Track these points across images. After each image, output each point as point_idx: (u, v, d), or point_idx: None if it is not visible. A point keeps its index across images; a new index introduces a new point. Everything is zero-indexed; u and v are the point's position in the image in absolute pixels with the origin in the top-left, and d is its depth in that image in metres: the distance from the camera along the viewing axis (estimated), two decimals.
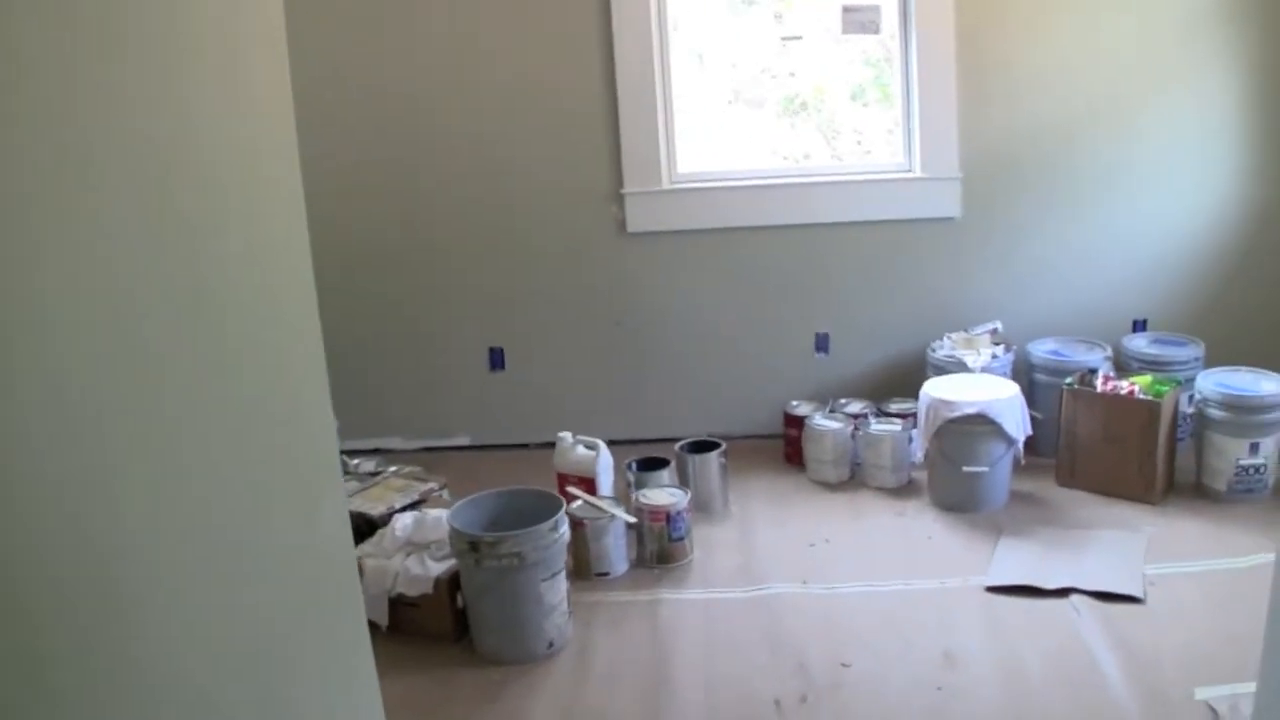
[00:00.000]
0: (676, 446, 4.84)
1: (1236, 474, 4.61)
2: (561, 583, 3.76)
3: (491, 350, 5.48)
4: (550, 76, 5.19)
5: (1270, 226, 5.34)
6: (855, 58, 5.49)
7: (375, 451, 5.40)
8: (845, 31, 5.19)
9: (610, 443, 4.75)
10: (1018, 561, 4.21)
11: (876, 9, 5.14)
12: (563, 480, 4.57)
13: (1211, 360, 5.05)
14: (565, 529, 3.76)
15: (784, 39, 5.28)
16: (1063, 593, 3.97)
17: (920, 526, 4.61)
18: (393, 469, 4.68)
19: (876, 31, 5.18)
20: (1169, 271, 5.38)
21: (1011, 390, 4.69)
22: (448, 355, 5.50)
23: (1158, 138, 5.24)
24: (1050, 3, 5.13)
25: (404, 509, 4.25)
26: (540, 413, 5.50)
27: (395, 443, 5.53)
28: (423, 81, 5.19)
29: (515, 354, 5.49)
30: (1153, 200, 5.30)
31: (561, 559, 3.76)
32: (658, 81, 5.16)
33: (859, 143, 5.62)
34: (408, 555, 3.89)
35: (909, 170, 5.32)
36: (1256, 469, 4.60)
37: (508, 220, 5.34)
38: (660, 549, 4.32)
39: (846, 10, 5.13)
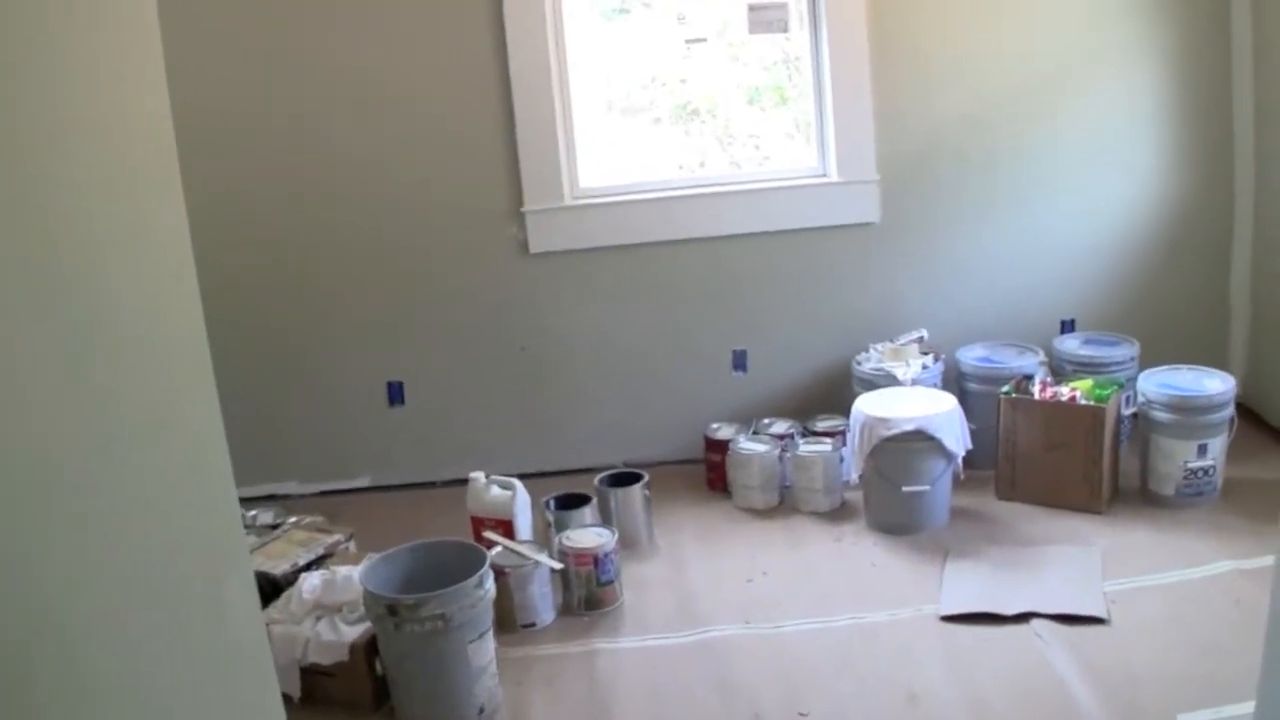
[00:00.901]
0: (596, 480, 4.56)
1: (1185, 477, 4.46)
2: (489, 642, 3.45)
3: (390, 384, 5.15)
4: (442, 92, 4.90)
5: (1195, 219, 5.24)
6: (751, 60, 5.25)
7: (271, 498, 5.04)
8: (752, 31, 4.97)
9: (521, 476, 4.49)
10: (970, 586, 4.01)
11: (784, 7, 4.93)
12: (478, 524, 4.27)
13: (1146, 360, 4.88)
14: (491, 584, 3.45)
15: (688, 41, 5.01)
16: (1023, 618, 3.77)
17: (861, 552, 4.37)
18: (293, 520, 4.32)
19: (784, 30, 4.97)
20: (1095, 269, 5.25)
21: (950, 403, 4.50)
22: (344, 391, 5.16)
23: (1078, 133, 5.11)
24: None
25: (309, 566, 3.90)
26: (445, 449, 5.19)
27: (291, 487, 5.16)
28: (310, 103, 4.87)
29: (415, 387, 5.16)
30: (1076, 196, 5.16)
31: (489, 616, 3.46)
32: (555, 93, 4.89)
33: (756, 148, 5.38)
34: (318, 619, 3.55)
35: (824, 175, 5.11)
36: (1205, 471, 4.45)
37: (402, 246, 5.03)
38: (589, 594, 4.03)
39: (753, 9, 4.91)
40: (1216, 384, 4.51)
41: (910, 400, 4.54)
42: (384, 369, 5.15)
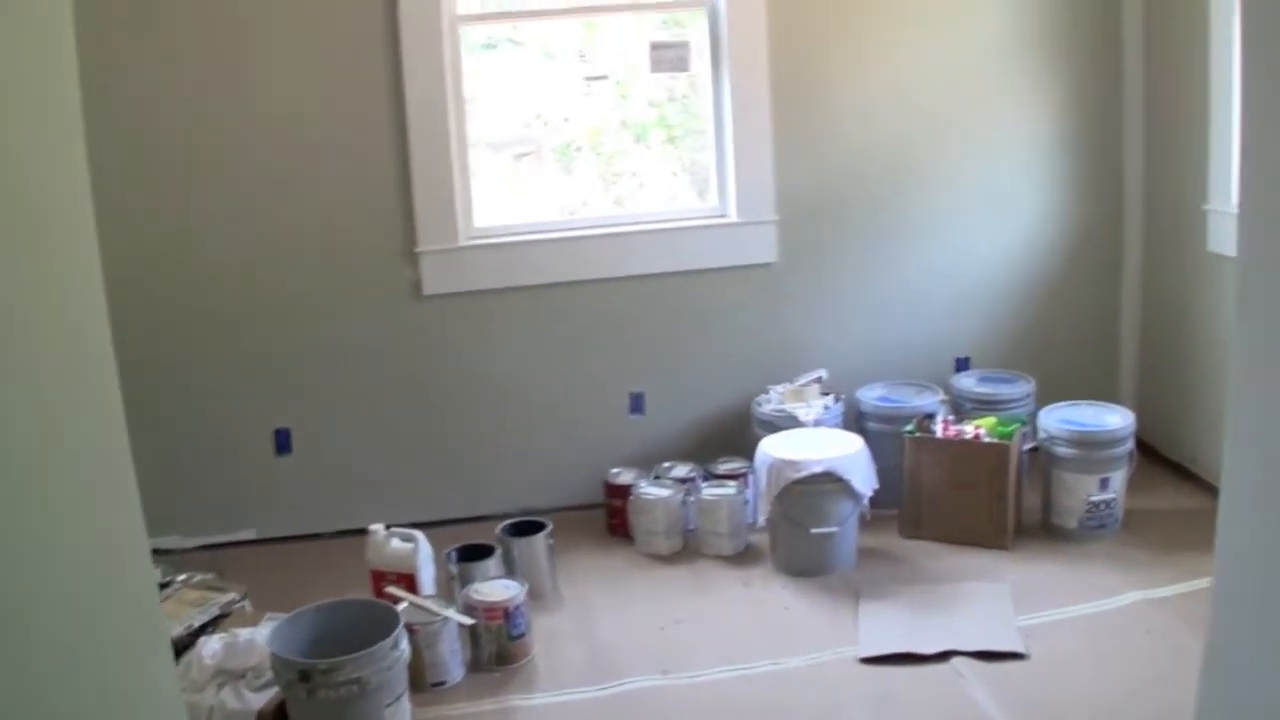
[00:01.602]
0: (498, 530, 4.46)
1: (1088, 510, 4.54)
2: (405, 705, 3.35)
3: (277, 431, 4.96)
4: (335, 130, 4.78)
5: (1086, 258, 5.36)
6: (638, 98, 5.22)
7: (153, 553, 4.77)
8: (654, 70, 4.95)
9: (414, 526, 4.37)
10: (887, 627, 3.99)
11: (686, 45, 4.92)
12: (378, 578, 4.12)
13: (1042, 396, 4.94)
14: (406, 644, 3.32)
15: (588, 79, 4.95)
16: (943, 656, 3.77)
17: (772, 596, 4.34)
18: (182, 577, 4.11)
19: (686, 69, 4.96)
20: (988, 307, 5.33)
21: (857, 444, 4.50)
22: (228, 439, 4.95)
23: (972, 173, 5.20)
24: (864, 37, 5.04)
25: (205, 628, 3.71)
26: (334, 499, 5.03)
27: (173, 541, 4.92)
28: (195, 139, 4.69)
29: (303, 435, 4.99)
30: (969, 236, 5.25)
31: (404, 678, 3.35)
32: (452, 132, 4.80)
33: (641, 186, 5.34)
34: (220, 687, 3.39)
35: (723, 215, 5.11)
36: (1107, 504, 4.54)
37: (290, 286, 4.87)
38: (500, 649, 3.92)
39: (655, 48, 4.88)
40: (1116, 419, 4.61)
41: (816, 442, 4.53)
42: (271, 415, 4.97)
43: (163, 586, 4.08)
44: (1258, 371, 2.01)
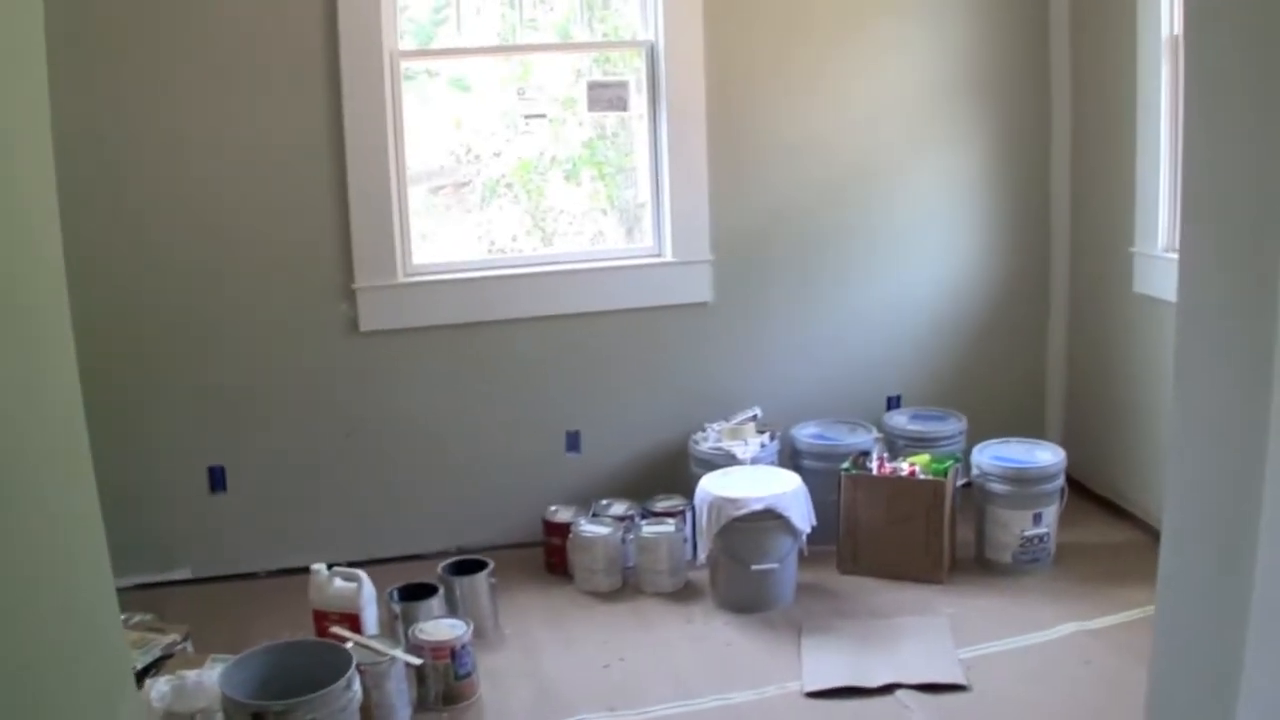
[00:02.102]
0: (439, 568, 4.45)
1: (1021, 545, 4.65)
2: None
3: (211, 469, 4.90)
4: (273, 164, 4.77)
5: (1014, 296, 5.52)
6: (572, 135, 5.29)
7: None
8: (592, 109, 5.01)
9: (352, 564, 4.39)
10: (830, 661, 4.06)
11: (625, 85, 4.99)
12: (321, 619, 4.11)
13: (973, 433, 5.04)
14: (358, 685, 3.30)
15: (526, 117, 4.99)
16: (887, 689, 3.84)
17: (714, 632, 4.38)
18: (121, 618, 4.02)
19: (624, 109, 5.03)
20: (919, 346, 5.45)
21: (795, 482, 4.58)
22: (161, 477, 4.89)
23: (904, 213, 5.34)
24: (799, 80, 5.16)
25: (147, 670, 3.65)
26: (271, 537, 4.99)
27: None
28: (126, 168, 4.66)
29: (239, 472, 4.94)
30: (901, 275, 5.38)
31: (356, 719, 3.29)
32: (391, 170, 4.82)
33: (570, 223, 5.39)
34: None
35: (659, 255, 5.17)
36: (1040, 539, 4.65)
37: (226, 322, 4.84)
38: (446, 688, 3.91)
39: (593, 87, 4.94)
40: (1048, 455, 4.73)
41: (755, 480, 4.59)
42: (206, 453, 4.92)
43: None
44: (1196, 409, 2.09)
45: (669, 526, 4.74)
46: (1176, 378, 2.15)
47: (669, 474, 5.16)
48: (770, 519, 4.42)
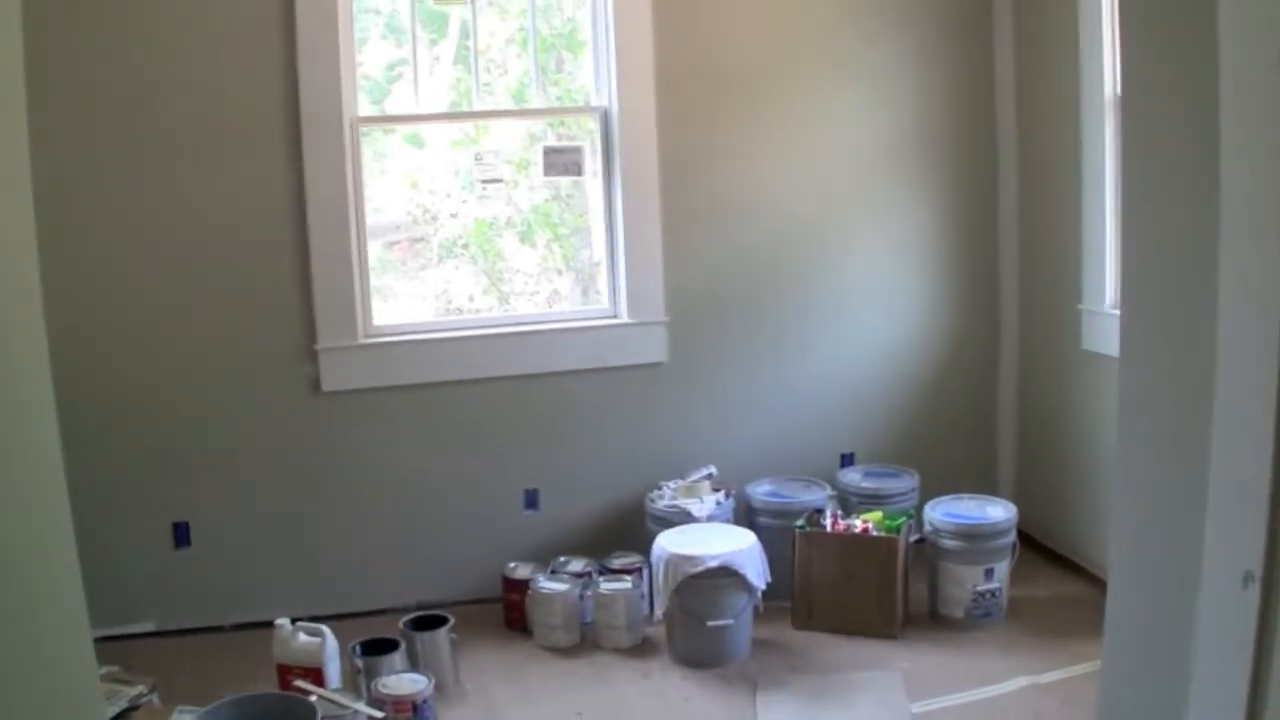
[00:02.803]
0: (400, 624, 4.51)
1: (974, 600, 4.77)
2: None
3: (175, 524, 4.97)
4: (236, 225, 4.89)
5: (964, 354, 5.69)
6: (525, 197, 5.44)
7: None
8: (547, 174, 5.15)
9: (314, 619, 4.42)
10: (786, 716, 4.19)
11: (579, 150, 5.13)
12: (284, 672, 4.18)
13: (925, 489, 5.15)
14: None
15: (483, 181, 5.09)
16: None
17: (672, 688, 4.47)
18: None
19: (579, 174, 5.16)
20: (872, 403, 5.59)
21: (750, 539, 4.69)
22: (126, 530, 4.94)
23: (854, 273, 5.50)
24: (751, 142, 5.32)
25: None
26: (234, 592, 5.05)
27: None
28: (93, 227, 4.75)
29: (203, 527, 5.02)
30: (852, 334, 5.54)
31: None
32: (352, 229, 4.94)
33: (526, 282, 5.50)
34: None
35: (614, 316, 5.31)
36: (992, 593, 4.76)
37: (191, 379, 4.93)
38: None
39: (549, 152, 5.06)
40: (999, 511, 4.86)
41: (711, 537, 4.69)
42: (170, 508, 4.99)
43: None
44: (1136, 465, 2.20)
45: (626, 583, 4.82)
46: (1119, 431, 2.26)
47: (626, 530, 5.26)
48: (726, 576, 4.52)
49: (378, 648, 4.30)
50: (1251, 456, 1.81)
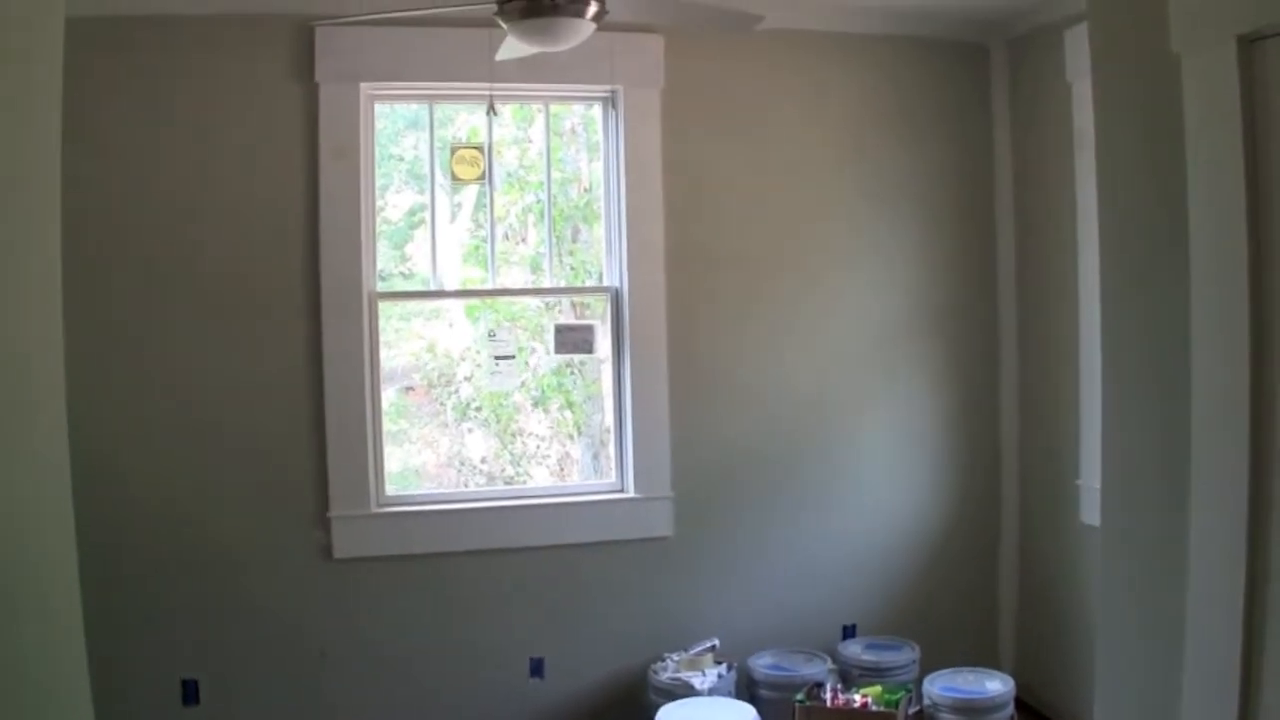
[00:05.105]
0: None
1: None
2: None
3: (185, 682, 5.12)
4: (253, 396, 5.11)
5: (965, 529, 5.87)
6: (540, 362, 5.70)
7: None
8: (559, 351, 5.37)
9: None
10: None
11: (590, 329, 5.35)
12: None
13: (926, 661, 5.26)
14: None
15: (496, 358, 5.29)
16: None
17: None
18: None
19: (590, 351, 5.36)
20: (873, 576, 5.75)
21: (750, 714, 4.89)
22: (134, 687, 5.06)
23: (857, 449, 5.72)
24: (756, 324, 5.57)
25: None
26: None
27: None
28: (115, 387, 4.97)
29: (212, 686, 5.16)
30: (854, 508, 5.73)
31: None
32: (367, 406, 5.16)
33: (539, 446, 5.69)
34: None
35: (622, 491, 5.52)
36: None
37: (206, 539, 5.09)
38: None
39: (561, 330, 5.26)
40: (997, 684, 5.03)
41: (712, 711, 4.81)
42: (179, 666, 5.14)
43: None
44: (1120, 634, 2.39)
45: None
46: (1102, 598, 2.48)
47: (628, 699, 5.41)
48: None
49: None
50: (1224, 642, 2.09)
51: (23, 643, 1.97)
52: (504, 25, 3.77)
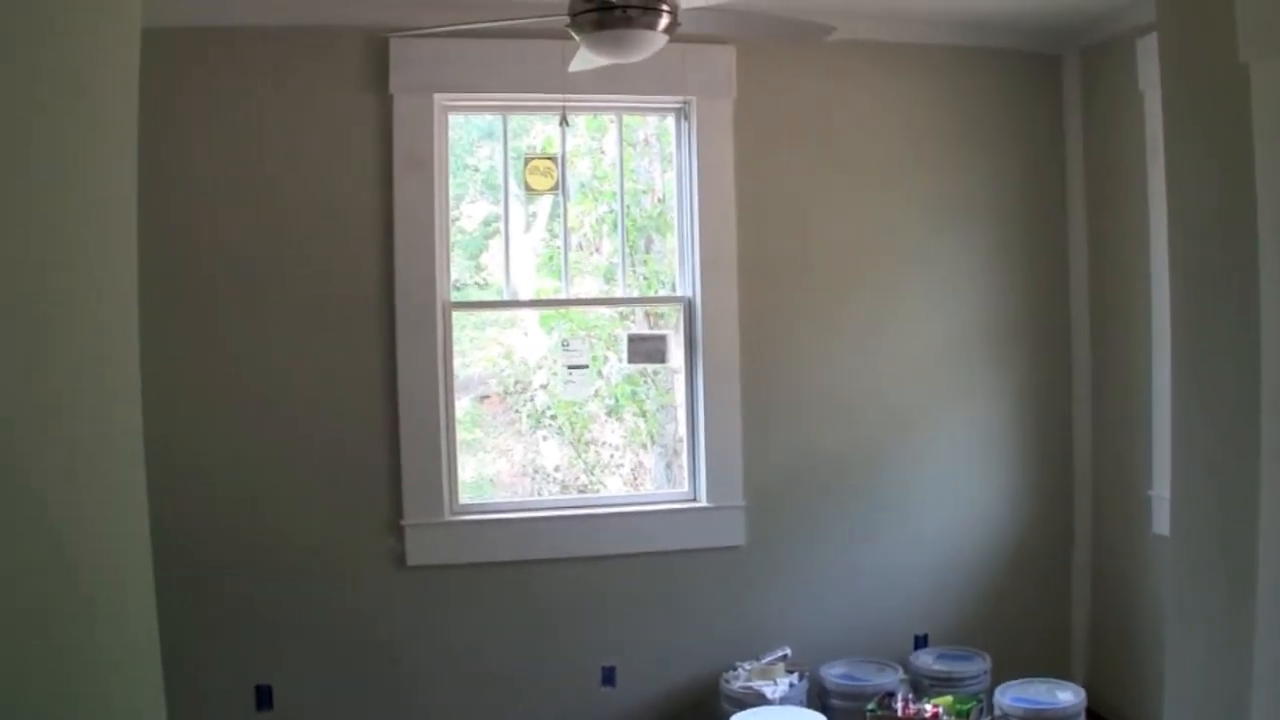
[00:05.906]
0: None
1: None
2: None
3: (259, 688, 5.22)
4: (329, 403, 5.20)
5: (1038, 538, 5.87)
6: (613, 370, 5.76)
7: None
8: (631, 360, 5.43)
9: None
10: None
11: (663, 339, 5.39)
12: None
13: (997, 671, 5.26)
14: None
15: (570, 367, 5.35)
16: None
17: None
18: None
19: (663, 361, 5.42)
20: (946, 586, 5.75)
21: None
22: (208, 692, 5.16)
23: (930, 458, 5.73)
24: (831, 330, 5.62)
25: None
26: None
27: None
28: (187, 406, 5.05)
29: (285, 692, 5.25)
30: (928, 519, 5.73)
31: None
32: (441, 415, 5.24)
33: (612, 455, 5.74)
34: None
35: (694, 499, 5.56)
36: None
37: (280, 546, 5.19)
38: None
39: (633, 340, 5.31)
40: (1069, 695, 5.03)
41: None
42: (254, 672, 5.23)
43: None
44: (1188, 645, 2.40)
45: None
46: (1171, 609, 2.50)
47: (700, 710, 5.45)
48: None
49: None
50: None
51: (99, 644, 2.02)
52: (576, 37, 3.83)
